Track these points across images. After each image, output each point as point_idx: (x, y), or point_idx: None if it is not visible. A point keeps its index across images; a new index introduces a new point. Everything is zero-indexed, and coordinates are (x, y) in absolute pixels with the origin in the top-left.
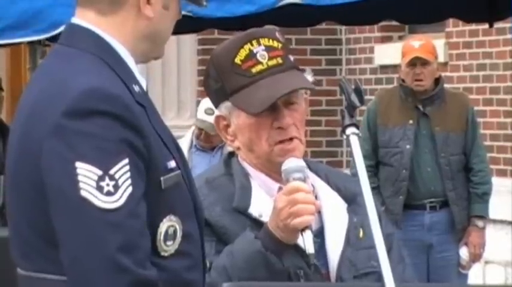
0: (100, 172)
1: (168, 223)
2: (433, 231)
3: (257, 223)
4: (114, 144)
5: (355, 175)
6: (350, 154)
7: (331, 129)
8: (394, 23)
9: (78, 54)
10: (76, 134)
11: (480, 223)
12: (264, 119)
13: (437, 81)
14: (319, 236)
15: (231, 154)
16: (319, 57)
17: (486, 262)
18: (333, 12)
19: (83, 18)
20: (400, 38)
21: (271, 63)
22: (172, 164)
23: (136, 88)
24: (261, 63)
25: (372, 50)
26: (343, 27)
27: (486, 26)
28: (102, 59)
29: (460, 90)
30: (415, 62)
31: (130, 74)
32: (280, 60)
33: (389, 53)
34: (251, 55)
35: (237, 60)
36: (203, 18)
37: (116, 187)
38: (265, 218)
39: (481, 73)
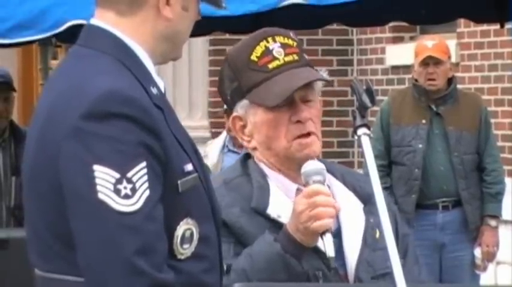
0: (117, 175)
1: (185, 226)
2: (446, 231)
3: (275, 224)
4: (132, 147)
5: (367, 175)
6: (361, 154)
7: (342, 130)
8: (405, 23)
9: (96, 55)
10: (94, 137)
11: (493, 223)
12: (281, 113)
13: (450, 81)
14: (337, 237)
15: (247, 155)
16: (330, 58)
17: (498, 263)
18: (341, 13)
19: (102, 19)
20: (412, 38)
21: (287, 59)
22: (189, 167)
23: (154, 90)
24: (277, 59)
25: (383, 51)
26: (355, 28)
27: (498, 26)
28: (120, 61)
29: (471, 90)
30: (428, 62)
31: (148, 76)
32: (296, 57)
33: (400, 53)
34: (267, 51)
35: (253, 57)
36: (213, 21)
37: (134, 190)
38: (283, 219)
39: (493, 74)
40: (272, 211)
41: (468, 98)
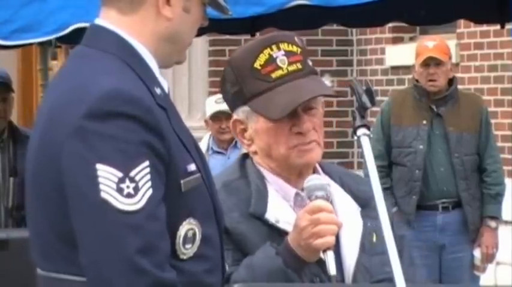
0: (120, 174)
1: (188, 226)
2: (446, 232)
3: (273, 229)
4: (135, 146)
5: (367, 175)
6: (361, 155)
7: (342, 131)
8: (405, 24)
9: (100, 55)
10: (97, 136)
11: (493, 224)
12: (283, 124)
13: (451, 81)
14: (335, 242)
15: (245, 155)
16: (330, 58)
17: (498, 263)
18: (340, 14)
19: (106, 19)
20: (412, 39)
21: (291, 68)
22: (192, 167)
23: (157, 90)
24: (281, 68)
25: (383, 51)
26: (354, 28)
27: (497, 27)
28: (123, 60)
29: (471, 91)
30: (429, 62)
31: (151, 75)
32: (299, 66)
33: (400, 54)
34: (271, 60)
35: (257, 65)
36: (210, 22)
37: (136, 189)
38: (281, 224)
39: (492, 74)
40: (270, 215)
41: (468, 99)
